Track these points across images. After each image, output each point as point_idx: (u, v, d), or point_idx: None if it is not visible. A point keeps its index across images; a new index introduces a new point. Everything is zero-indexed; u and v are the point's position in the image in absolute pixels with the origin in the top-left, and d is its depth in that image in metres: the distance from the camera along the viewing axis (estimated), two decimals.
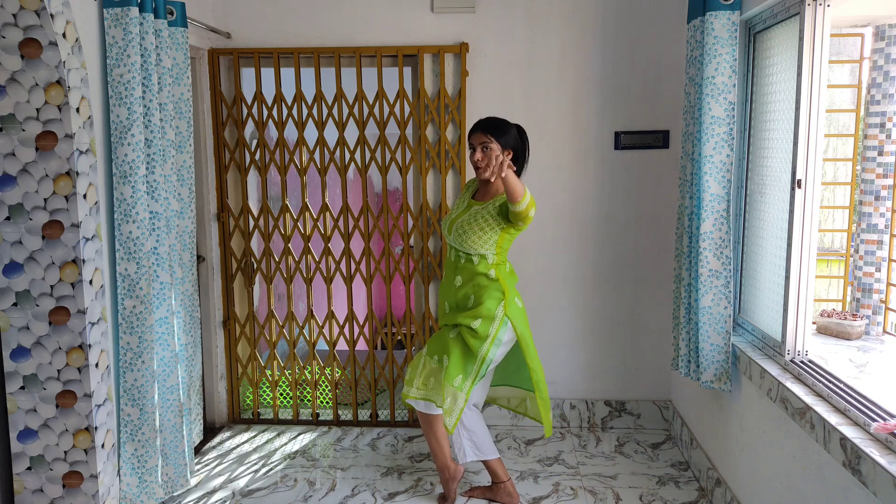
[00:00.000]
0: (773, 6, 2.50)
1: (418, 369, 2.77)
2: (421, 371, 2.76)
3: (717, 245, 2.68)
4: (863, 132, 2.80)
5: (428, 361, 2.76)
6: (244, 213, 3.65)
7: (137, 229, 2.61)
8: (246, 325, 3.74)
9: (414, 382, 2.75)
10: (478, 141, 2.65)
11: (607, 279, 3.62)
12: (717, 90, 2.62)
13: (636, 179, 3.54)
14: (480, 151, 2.65)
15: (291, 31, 3.55)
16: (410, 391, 2.74)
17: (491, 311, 2.66)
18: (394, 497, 3.01)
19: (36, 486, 2.48)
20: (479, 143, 2.65)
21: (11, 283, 2.40)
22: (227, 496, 3.03)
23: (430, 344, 2.79)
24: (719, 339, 2.70)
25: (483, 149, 2.64)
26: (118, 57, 2.53)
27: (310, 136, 3.59)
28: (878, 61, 2.74)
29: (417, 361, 2.80)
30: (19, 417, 2.45)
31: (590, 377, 3.70)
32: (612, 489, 3.04)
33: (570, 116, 3.52)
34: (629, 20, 3.43)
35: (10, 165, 2.34)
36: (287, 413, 3.86)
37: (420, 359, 2.80)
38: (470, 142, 2.69)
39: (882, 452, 1.66)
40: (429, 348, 2.79)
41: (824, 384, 2.07)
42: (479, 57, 3.50)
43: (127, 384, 2.66)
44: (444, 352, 2.71)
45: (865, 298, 2.80)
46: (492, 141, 2.63)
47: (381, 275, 3.67)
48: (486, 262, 2.68)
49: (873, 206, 2.77)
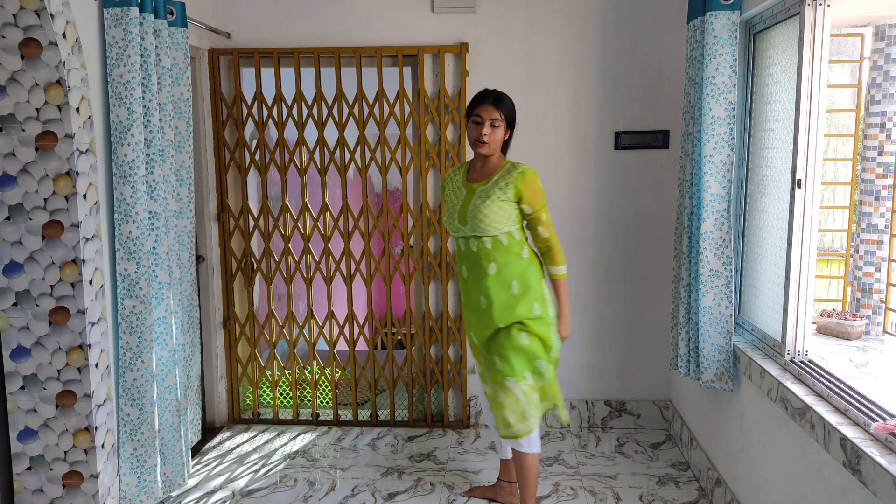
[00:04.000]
0: (773, 6, 2.50)
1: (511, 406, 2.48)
2: (512, 404, 2.49)
3: (718, 245, 2.68)
4: (863, 132, 2.80)
5: (514, 388, 2.48)
6: (244, 213, 3.65)
7: (137, 229, 2.61)
8: (246, 325, 3.74)
9: (511, 420, 2.48)
10: (488, 115, 2.45)
11: (607, 279, 3.62)
12: (717, 90, 2.62)
13: (636, 179, 3.54)
14: (489, 127, 2.46)
15: (291, 31, 3.55)
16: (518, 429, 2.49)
17: (542, 291, 2.52)
18: (394, 497, 3.01)
19: (36, 486, 2.48)
20: (488, 118, 2.45)
21: (11, 283, 2.40)
22: (227, 496, 3.03)
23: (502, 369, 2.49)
24: (720, 338, 2.70)
25: (492, 124, 2.46)
26: (118, 57, 2.53)
27: (310, 136, 3.59)
28: (878, 61, 2.74)
29: (503, 399, 2.50)
30: (19, 417, 2.45)
31: (590, 377, 3.70)
32: (612, 489, 3.04)
33: (570, 116, 3.52)
34: (629, 20, 3.43)
35: (10, 165, 2.34)
36: (287, 413, 3.86)
37: (501, 393, 2.50)
38: (477, 113, 2.47)
39: (882, 452, 1.65)
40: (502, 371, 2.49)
41: (824, 384, 2.07)
42: (479, 57, 3.50)
43: (126, 384, 2.66)
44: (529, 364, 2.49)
45: (865, 298, 2.80)
46: (502, 119, 2.47)
47: (381, 275, 3.67)
48: (515, 239, 2.50)
49: (873, 206, 2.77)
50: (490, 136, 2.46)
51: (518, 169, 2.48)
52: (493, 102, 2.46)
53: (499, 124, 2.47)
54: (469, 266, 2.56)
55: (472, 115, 2.49)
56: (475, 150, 2.52)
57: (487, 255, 2.49)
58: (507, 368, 2.49)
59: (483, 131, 2.45)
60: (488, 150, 2.48)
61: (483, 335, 2.57)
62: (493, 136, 2.47)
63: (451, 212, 2.58)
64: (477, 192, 2.50)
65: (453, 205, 2.57)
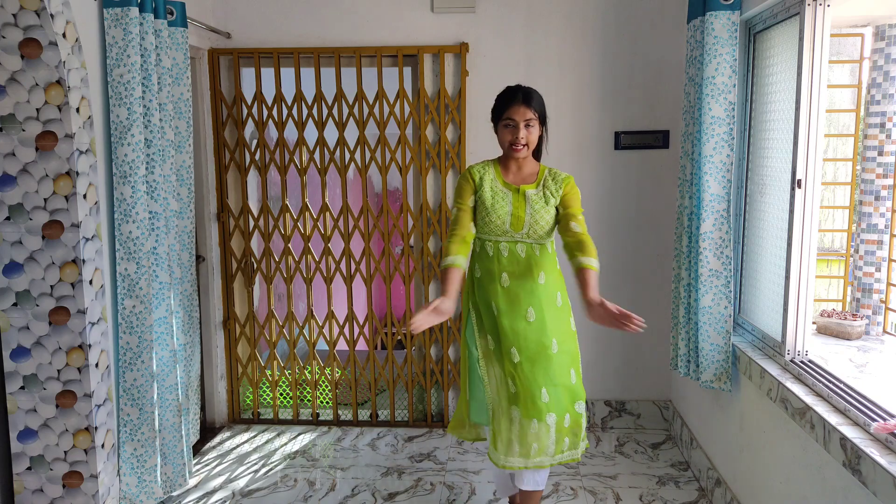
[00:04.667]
0: (773, 6, 2.50)
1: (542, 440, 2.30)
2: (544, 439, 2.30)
3: (718, 245, 2.68)
4: (863, 132, 2.80)
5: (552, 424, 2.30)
6: (244, 213, 3.65)
7: (137, 229, 2.61)
8: (246, 325, 3.74)
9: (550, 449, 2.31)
10: (522, 117, 2.27)
11: (607, 279, 3.61)
12: (717, 90, 2.62)
13: (636, 179, 3.54)
14: (524, 128, 2.28)
15: (291, 31, 3.55)
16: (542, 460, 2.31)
17: (570, 304, 2.44)
18: (394, 497, 3.01)
19: (36, 486, 2.48)
20: (523, 120, 2.27)
21: (11, 283, 2.40)
22: (227, 496, 3.03)
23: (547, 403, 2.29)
24: (720, 338, 2.70)
25: (527, 125, 2.28)
26: (118, 57, 2.53)
27: (310, 136, 3.59)
28: (878, 61, 2.74)
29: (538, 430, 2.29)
30: (19, 417, 2.45)
31: (590, 377, 3.69)
32: (612, 489, 3.04)
33: (570, 116, 3.52)
34: (629, 20, 3.43)
35: (10, 165, 2.34)
36: (287, 413, 3.86)
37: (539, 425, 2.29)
38: (509, 115, 2.28)
39: (882, 452, 1.65)
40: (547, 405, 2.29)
41: (824, 384, 2.07)
42: (479, 57, 3.50)
43: (126, 384, 2.66)
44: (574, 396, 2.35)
45: (865, 298, 2.80)
46: (536, 117, 2.29)
47: (381, 275, 3.67)
48: (553, 249, 2.41)
49: (873, 206, 2.77)
50: (528, 138, 2.30)
51: (562, 174, 2.40)
52: (523, 101, 2.27)
53: (533, 123, 2.30)
54: (514, 273, 2.36)
55: (502, 119, 2.32)
56: (511, 155, 2.35)
57: (538, 263, 2.37)
58: (552, 404, 2.30)
59: (520, 135, 2.28)
60: (526, 152, 2.34)
61: (529, 350, 2.32)
62: (530, 137, 2.31)
63: (499, 212, 2.35)
64: (530, 197, 2.35)
65: (502, 206, 2.35)
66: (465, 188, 2.41)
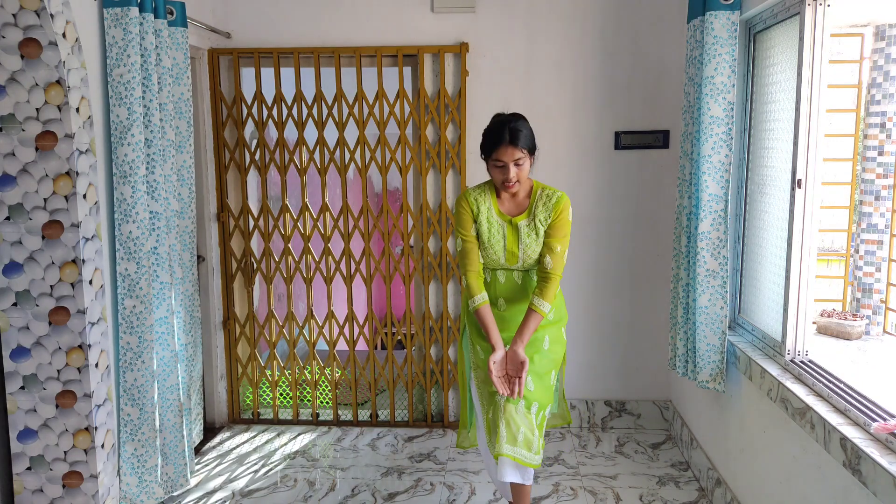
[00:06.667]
0: (773, 6, 2.50)
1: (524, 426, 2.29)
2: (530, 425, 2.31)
3: (715, 245, 2.68)
4: (863, 132, 2.80)
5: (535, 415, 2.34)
6: (244, 213, 3.65)
7: (137, 229, 2.61)
8: (246, 325, 3.74)
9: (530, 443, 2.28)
10: (510, 158, 2.25)
11: (607, 279, 3.62)
12: (717, 90, 2.62)
13: (636, 179, 3.54)
14: (514, 167, 2.26)
15: (291, 31, 3.55)
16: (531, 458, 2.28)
17: (566, 315, 2.57)
18: (394, 497, 3.01)
19: (36, 486, 2.48)
20: (512, 161, 2.25)
21: (11, 283, 2.39)
22: (227, 496, 3.03)
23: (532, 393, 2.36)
24: (715, 338, 2.70)
25: (516, 164, 2.27)
26: (118, 57, 2.53)
27: (310, 136, 3.59)
28: (878, 61, 2.74)
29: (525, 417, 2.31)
30: (19, 417, 2.45)
31: (590, 377, 3.70)
32: (612, 489, 3.04)
33: (570, 116, 3.52)
34: (629, 20, 3.43)
35: (10, 165, 2.34)
36: (287, 413, 3.86)
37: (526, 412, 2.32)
38: (497, 157, 2.27)
39: (882, 452, 1.65)
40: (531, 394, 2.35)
41: (824, 384, 2.07)
42: (478, 57, 3.50)
43: (127, 384, 2.66)
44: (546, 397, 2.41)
45: (865, 298, 2.80)
46: (526, 156, 2.28)
47: (381, 275, 3.67)
48: None
49: (873, 206, 2.77)
50: (519, 175, 2.29)
51: (554, 197, 2.37)
52: (510, 142, 2.24)
53: (523, 161, 2.27)
54: (511, 298, 2.46)
55: (491, 158, 2.31)
56: (504, 191, 2.38)
57: (528, 287, 2.46)
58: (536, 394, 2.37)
59: (510, 176, 2.27)
60: (518, 187, 2.35)
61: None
62: (521, 174, 2.30)
63: (495, 248, 2.41)
64: (522, 229, 2.38)
65: (497, 241, 2.40)
66: (465, 218, 2.43)
